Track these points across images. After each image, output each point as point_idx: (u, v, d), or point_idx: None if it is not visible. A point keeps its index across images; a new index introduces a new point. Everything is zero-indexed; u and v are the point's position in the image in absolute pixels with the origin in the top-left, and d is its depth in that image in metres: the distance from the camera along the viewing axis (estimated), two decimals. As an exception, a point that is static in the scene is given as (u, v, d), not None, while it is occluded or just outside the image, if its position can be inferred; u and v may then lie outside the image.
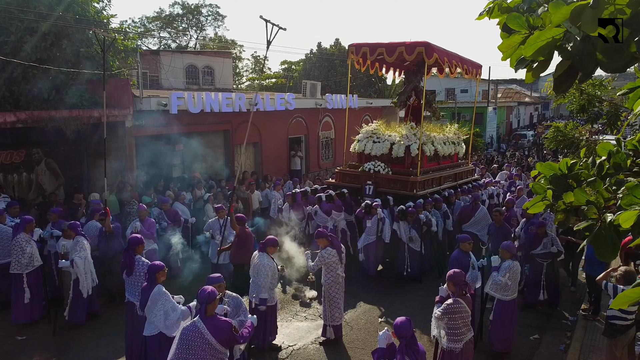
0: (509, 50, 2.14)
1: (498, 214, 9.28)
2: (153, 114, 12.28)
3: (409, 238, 9.61)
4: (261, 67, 46.83)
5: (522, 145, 33.17)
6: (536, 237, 8.49)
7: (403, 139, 11.22)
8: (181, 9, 43.73)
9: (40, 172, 11.92)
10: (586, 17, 1.62)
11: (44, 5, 10.75)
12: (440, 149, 11.91)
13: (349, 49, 11.74)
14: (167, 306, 5.28)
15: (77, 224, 7.85)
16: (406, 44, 10.62)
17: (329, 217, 10.24)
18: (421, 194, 10.54)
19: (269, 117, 16.40)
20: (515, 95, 49.43)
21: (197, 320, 4.50)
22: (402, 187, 10.72)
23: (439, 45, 11.06)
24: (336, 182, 11.94)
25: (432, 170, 11.72)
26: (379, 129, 11.85)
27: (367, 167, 11.15)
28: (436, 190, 11.30)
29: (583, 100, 7.11)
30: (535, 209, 3.14)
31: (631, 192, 2.42)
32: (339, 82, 32.83)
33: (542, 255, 8.46)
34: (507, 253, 6.78)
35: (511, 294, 6.77)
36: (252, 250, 7.47)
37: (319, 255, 7.03)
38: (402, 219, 9.65)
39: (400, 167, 11.13)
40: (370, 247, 9.78)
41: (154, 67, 21.43)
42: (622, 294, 1.96)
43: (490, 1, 2.57)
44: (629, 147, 3.28)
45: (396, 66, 13.25)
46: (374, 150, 11.38)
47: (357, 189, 11.15)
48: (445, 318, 5.36)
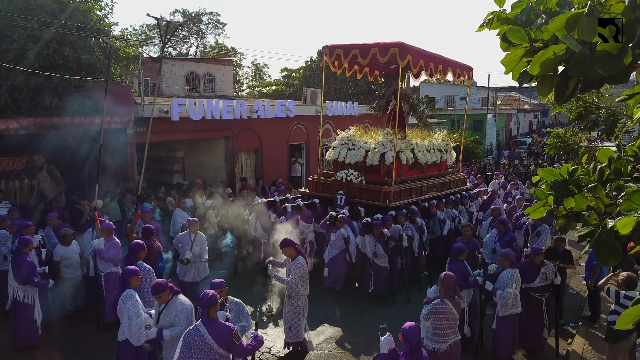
0: (511, 64, 2.19)
1: (469, 229, 8.60)
2: (154, 121, 12.31)
3: (374, 253, 8.83)
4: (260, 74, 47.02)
5: (520, 154, 32.87)
6: (531, 267, 7.05)
7: (378, 146, 10.48)
8: (182, 17, 44.00)
9: (42, 179, 11.96)
10: (582, 25, 1.67)
11: (47, 13, 10.83)
12: (421, 157, 11.09)
13: (322, 51, 11.06)
14: (131, 311, 5.21)
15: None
16: (380, 44, 9.91)
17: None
18: (394, 205, 9.77)
19: (270, 124, 16.47)
20: (515, 103, 49.56)
21: (198, 324, 4.54)
22: (374, 198, 10.00)
23: (424, 47, 10.50)
24: (309, 191, 11.29)
25: (412, 179, 10.96)
26: (355, 136, 11.21)
27: (339, 176, 10.48)
28: (414, 201, 10.54)
29: (580, 108, 7.17)
30: (536, 215, 3.19)
31: (630, 197, 2.46)
32: (339, 90, 32.95)
33: (540, 289, 7.03)
34: (506, 261, 6.57)
35: (519, 305, 6.68)
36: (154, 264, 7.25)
37: (294, 266, 6.51)
38: (367, 232, 8.88)
39: (375, 176, 10.40)
40: (336, 260, 9.09)
41: (154, 74, 21.54)
42: (625, 313, 1.98)
43: (490, 12, 2.62)
44: (629, 153, 3.32)
45: (380, 69, 12.40)
46: (349, 158, 10.68)
47: (330, 199, 10.49)
48: (430, 318, 5.44)
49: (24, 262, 6.78)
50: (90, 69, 11.57)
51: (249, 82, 47.76)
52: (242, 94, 42.97)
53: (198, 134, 14.22)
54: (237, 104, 14.42)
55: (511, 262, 6.58)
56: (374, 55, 9.92)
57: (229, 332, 4.53)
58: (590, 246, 2.48)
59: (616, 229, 2.35)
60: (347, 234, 8.98)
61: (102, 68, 11.64)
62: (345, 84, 33.06)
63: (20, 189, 11.61)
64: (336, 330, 8.01)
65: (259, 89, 43.09)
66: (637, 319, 1.94)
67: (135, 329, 5.14)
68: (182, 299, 5.24)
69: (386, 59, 9.88)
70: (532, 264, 7.02)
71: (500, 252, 6.82)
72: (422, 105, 32.36)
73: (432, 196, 11.19)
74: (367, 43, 10.23)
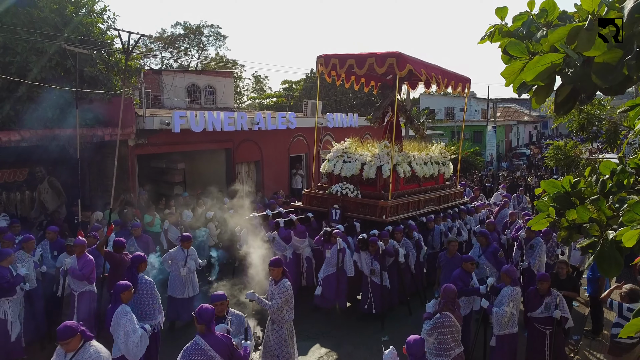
0: (511, 76, 2.21)
1: (454, 244, 8.38)
2: (155, 133, 12.39)
3: (371, 271, 8.50)
4: (261, 86, 47.28)
5: (519, 166, 32.74)
6: (535, 294, 6.50)
7: (375, 159, 10.11)
8: (183, 29, 44.40)
9: (43, 191, 11.98)
10: (582, 39, 1.69)
11: (49, 26, 10.93)
12: (418, 170, 10.72)
13: (317, 61, 10.52)
14: (127, 327, 5.11)
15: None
16: (376, 54, 9.56)
17: (288, 245, 9.43)
18: (391, 220, 9.44)
19: (270, 135, 16.53)
20: (514, 114, 49.80)
21: (197, 339, 4.52)
22: (370, 212, 9.61)
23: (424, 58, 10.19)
24: (303, 205, 10.88)
25: (410, 193, 10.57)
26: (350, 148, 10.83)
27: (334, 190, 10.07)
28: (411, 215, 10.21)
29: (582, 120, 7.19)
30: (539, 226, 3.19)
31: (633, 209, 2.46)
32: (339, 102, 33.10)
33: (543, 320, 6.39)
34: (507, 278, 6.37)
35: (516, 325, 6.44)
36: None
37: (278, 289, 6.09)
38: (363, 249, 8.54)
39: (371, 190, 10.00)
40: (331, 279, 8.65)
41: (156, 86, 21.68)
42: (630, 324, 1.98)
43: (491, 25, 2.65)
44: (631, 165, 3.33)
45: (377, 79, 12.00)
46: (344, 171, 10.28)
47: (325, 213, 10.11)
48: (434, 333, 5.36)
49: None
50: (93, 81, 11.64)
51: (249, 94, 48.06)
52: (242, 105, 43.21)
53: (199, 145, 14.26)
54: (238, 116, 14.49)
55: (512, 279, 6.39)
56: (370, 65, 9.61)
57: (229, 341, 4.57)
58: (592, 258, 2.48)
59: (618, 240, 2.36)
60: (343, 245, 8.63)
61: (105, 80, 11.72)
62: (346, 95, 33.22)
63: (21, 200, 11.63)
64: (337, 343, 7.94)
65: (260, 100, 43.33)
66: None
67: (133, 345, 5.09)
68: (96, 346, 4.43)
69: (383, 69, 9.59)
70: (537, 292, 6.46)
71: (503, 269, 6.63)
72: (422, 116, 32.40)
73: (430, 210, 10.89)
74: (363, 53, 9.90)
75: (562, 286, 7.22)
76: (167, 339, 7.42)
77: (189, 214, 12.01)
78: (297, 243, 9.56)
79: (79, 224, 8.81)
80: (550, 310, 6.26)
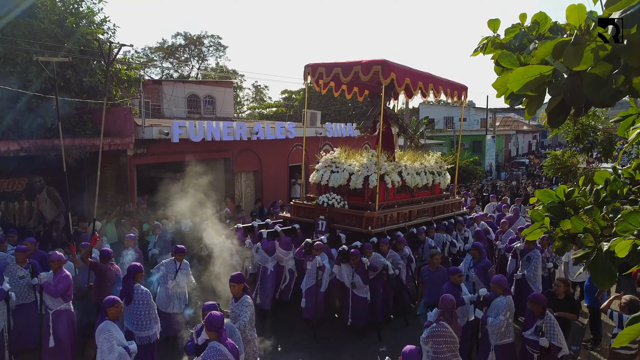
0: (502, 87, 2.23)
1: (437, 257, 8.10)
2: (154, 142, 12.43)
3: (352, 284, 8.21)
4: (261, 96, 47.45)
5: (518, 176, 32.58)
6: (530, 313, 6.11)
7: (362, 168, 9.87)
8: (183, 39, 44.65)
9: (42, 200, 11.98)
10: (568, 53, 1.71)
11: (49, 37, 11.01)
12: (409, 180, 10.41)
13: (305, 70, 10.40)
14: (104, 346, 5.02)
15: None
16: (362, 62, 9.39)
17: (270, 257, 9.25)
18: (377, 231, 9.11)
19: (270, 145, 16.57)
20: (514, 124, 49.95)
21: (215, 344, 4.54)
22: (356, 224, 9.32)
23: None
24: (291, 216, 10.63)
25: (401, 203, 10.31)
26: (339, 158, 10.60)
27: (321, 200, 9.84)
28: (401, 227, 9.91)
29: (577, 130, 7.22)
30: (533, 236, 3.19)
31: (626, 219, 2.47)
32: (338, 111, 33.23)
33: (533, 343, 5.97)
34: (499, 288, 6.25)
35: (513, 335, 6.32)
36: (111, 288, 7.11)
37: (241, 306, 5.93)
38: (344, 261, 8.28)
39: (359, 200, 9.74)
40: (313, 291, 8.52)
41: (156, 96, 21.76)
42: (622, 333, 1.98)
43: (484, 37, 2.68)
44: (625, 175, 3.35)
45: (370, 88, 11.62)
46: (332, 181, 10.04)
47: (312, 224, 9.86)
48: (430, 342, 5.36)
49: None
50: (92, 91, 11.70)
51: (249, 104, 48.22)
52: (242, 115, 43.33)
53: (198, 155, 14.28)
54: (237, 126, 14.53)
55: (504, 289, 6.29)
56: (356, 73, 9.40)
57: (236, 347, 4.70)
58: (585, 268, 2.48)
59: (611, 250, 2.36)
60: (322, 262, 8.41)
61: (104, 91, 11.78)
62: (345, 105, 33.35)
63: (20, 210, 11.62)
64: (335, 353, 7.89)
65: (260, 110, 43.46)
66: (635, 338, 1.94)
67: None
68: None
69: (368, 77, 9.36)
70: (531, 312, 6.04)
71: (493, 279, 6.49)
72: (422, 126, 32.43)
73: (422, 222, 10.54)
74: (349, 61, 9.75)
75: (559, 307, 6.70)
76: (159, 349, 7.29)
77: (188, 222, 11.98)
78: (282, 255, 9.38)
79: (71, 236, 8.69)
80: (540, 335, 5.82)
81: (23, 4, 10.91)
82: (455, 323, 5.45)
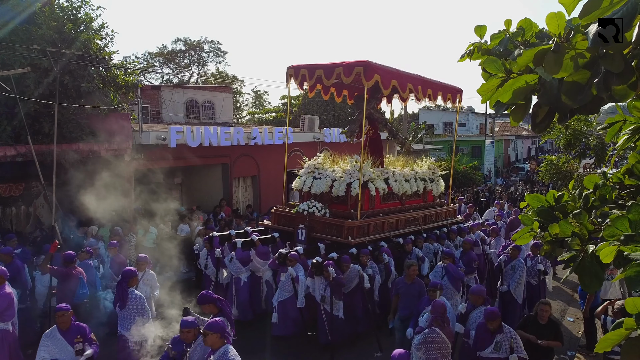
0: (487, 93, 2.25)
1: (414, 268, 7.51)
2: (152, 148, 12.45)
3: (321, 297, 7.66)
4: (261, 101, 47.55)
5: (515, 181, 32.28)
6: (485, 329, 5.60)
7: (345, 175, 9.42)
8: (183, 45, 44.79)
9: (39, 206, 11.97)
10: (549, 61, 1.73)
11: (47, 42, 11.03)
12: (396, 187, 9.89)
13: (287, 72, 10.00)
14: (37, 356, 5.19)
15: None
16: (344, 64, 8.99)
17: (244, 268, 8.89)
18: (357, 241, 8.62)
19: (268, 150, 16.58)
20: (513, 129, 49.93)
21: (228, 347, 4.57)
22: (337, 233, 8.82)
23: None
24: (272, 224, 10.20)
25: (388, 212, 9.80)
26: (322, 164, 10.18)
27: (301, 208, 9.39)
28: (385, 236, 9.40)
29: (569, 136, 7.24)
30: (522, 241, 3.21)
31: (614, 224, 2.49)
32: (337, 116, 33.29)
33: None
34: (478, 298, 6.10)
35: None
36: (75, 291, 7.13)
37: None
38: (317, 274, 7.73)
39: (342, 209, 9.28)
40: (287, 304, 8.05)
41: (155, 101, 21.80)
42: (606, 337, 1.99)
43: (471, 44, 2.70)
44: (614, 179, 3.37)
45: (361, 91, 10.72)
46: (314, 188, 9.59)
47: (292, 233, 9.40)
48: (422, 348, 5.33)
49: None
50: (90, 97, 11.72)
51: (249, 109, 48.30)
52: (242, 120, 43.40)
53: (196, 160, 14.30)
54: (235, 131, 14.56)
55: (484, 299, 6.11)
56: (338, 75, 9.02)
57: None
58: (572, 271, 2.49)
59: (597, 254, 2.38)
60: (296, 273, 7.95)
61: (102, 96, 11.81)
62: (344, 110, 33.40)
63: (17, 215, 11.62)
64: None
65: (259, 115, 43.52)
66: (617, 343, 1.95)
67: None
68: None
69: (351, 79, 8.96)
70: (487, 327, 5.55)
71: (472, 290, 6.30)
72: (421, 131, 32.34)
73: (411, 231, 10.00)
74: (332, 62, 9.36)
75: (541, 333, 6.08)
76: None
77: (185, 228, 12.02)
78: (259, 265, 9.04)
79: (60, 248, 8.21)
80: (501, 350, 5.39)
81: (24, 11, 10.96)
82: (447, 328, 5.44)
